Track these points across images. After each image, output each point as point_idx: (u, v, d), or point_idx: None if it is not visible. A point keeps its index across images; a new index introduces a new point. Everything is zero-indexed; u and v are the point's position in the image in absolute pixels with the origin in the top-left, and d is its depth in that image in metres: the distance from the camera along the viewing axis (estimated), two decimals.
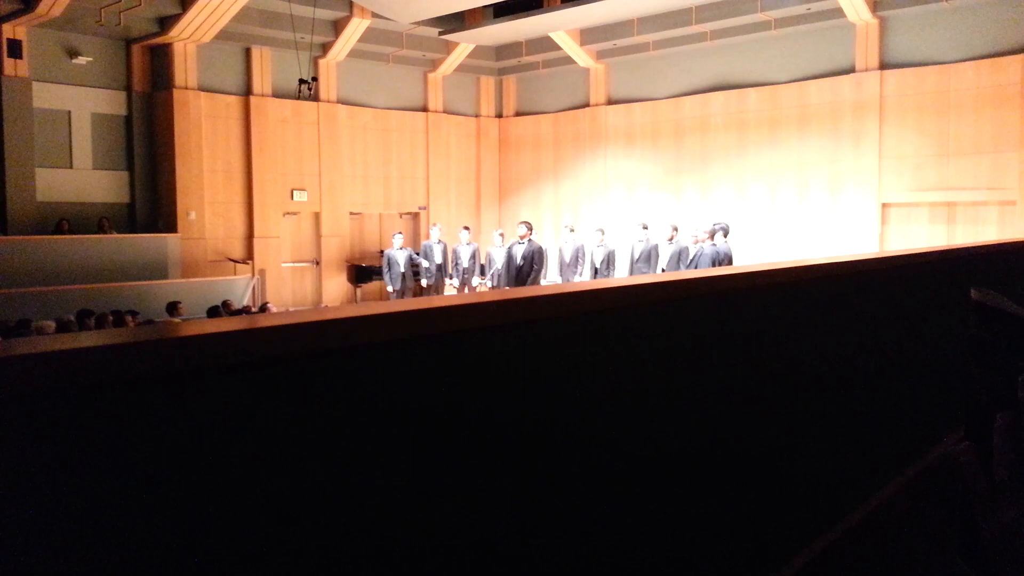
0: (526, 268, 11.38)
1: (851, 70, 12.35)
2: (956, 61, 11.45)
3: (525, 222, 11.89)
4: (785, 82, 13.05)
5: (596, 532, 1.90)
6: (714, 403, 2.34)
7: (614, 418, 1.97)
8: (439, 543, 1.52)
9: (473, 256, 12.47)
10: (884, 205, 12.10)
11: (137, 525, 1.11)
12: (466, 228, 12.94)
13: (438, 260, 12.59)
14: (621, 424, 1.99)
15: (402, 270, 12.53)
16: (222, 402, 1.22)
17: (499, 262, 11.80)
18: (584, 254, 12.09)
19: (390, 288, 12.67)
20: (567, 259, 12.12)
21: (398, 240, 12.82)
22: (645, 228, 11.69)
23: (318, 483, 1.33)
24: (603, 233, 12.09)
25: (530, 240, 11.55)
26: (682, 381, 2.21)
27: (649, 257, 11.37)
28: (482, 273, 12.44)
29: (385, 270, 12.73)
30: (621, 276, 11.91)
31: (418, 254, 12.82)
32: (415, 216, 16.05)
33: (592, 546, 1.89)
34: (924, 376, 4.01)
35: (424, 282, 12.61)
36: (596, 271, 11.81)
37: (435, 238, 12.77)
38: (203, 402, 1.19)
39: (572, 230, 12.74)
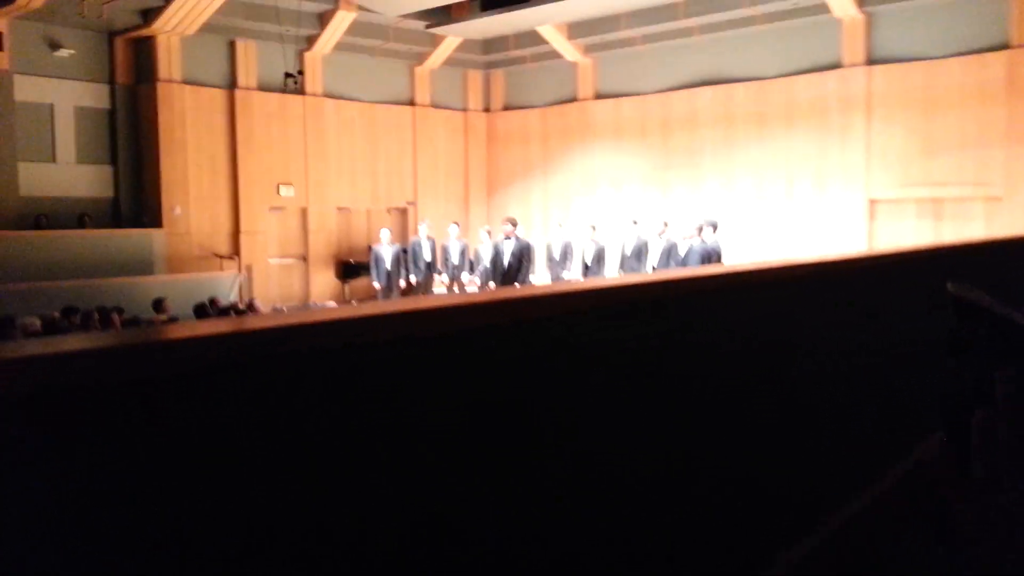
0: (515, 265, 11.34)
1: (838, 65, 12.39)
2: (942, 57, 11.51)
3: (510, 219, 11.83)
4: (772, 77, 13.08)
5: (584, 535, 1.89)
6: (694, 404, 2.33)
7: (597, 420, 1.95)
8: (425, 555, 1.50)
9: (462, 253, 12.42)
10: (872, 201, 12.15)
11: (122, 533, 1.09)
12: (455, 224, 12.89)
13: (427, 257, 12.53)
14: (603, 427, 1.98)
15: (388, 267, 12.45)
16: (210, 406, 1.19)
17: (486, 259, 11.76)
18: (572, 250, 12.06)
19: (376, 285, 12.60)
20: (556, 255, 12.09)
21: (385, 235, 12.74)
22: (635, 223, 11.68)
23: (305, 487, 1.30)
24: (594, 229, 12.07)
25: (517, 237, 11.49)
26: (663, 382, 2.20)
27: (640, 253, 11.37)
28: (471, 270, 12.41)
29: (372, 267, 12.65)
30: (611, 272, 11.90)
31: (406, 251, 12.74)
32: (403, 211, 15.99)
33: (584, 549, 1.87)
34: (911, 375, 4.02)
35: (413, 279, 12.55)
36: (587, 268, 11.79)
37: (423, 235, 12.71)
38: (191, 407, 1.17)
39: (561, 225, 12.71)
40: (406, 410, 1.46)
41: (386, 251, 12.53)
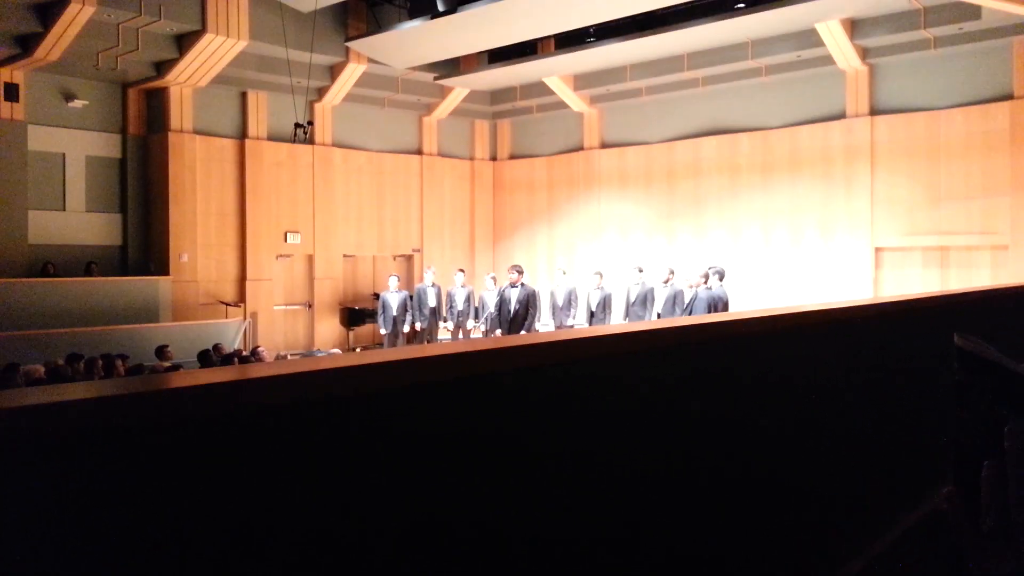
0: (522, 312, 11.33)
1: (842, 116, 12.51)
2: (945, 107, 11.61)
3: (516, 266, 11.87)
4: (777, 127, 13.19)
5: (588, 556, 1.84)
6: (701, 454, 2.29)
7: (603, 464, 1.92)
8: None
9: (468, 299, 12.43)
10: (878, 249, 12.15)
11: None
12: (461, 271, 12.92)
13: (431, 304, 12.53)
14: (606, 473, 1.94)
15: (395, 313, 12.45)
16: (211, 454, 1.17)
17: (491, 306, 11.76)
18: (576, 297, 12.06)
19: (383, 331, 12.58)
20: (559, 302, 12.09)
21: (393, 282, 12.77)
22: (640, 271, 11.70)
23: (307, 536, 1.27)
24: (601, 276, 12.08)
25: (523, 284, 11.51)
26: (666, 432, 2.16)
27: (645, 300, 11.36)
28: (476, 317, 12.39)
29: (379, 313, 12.65)
30: (617, 319, 11.87)
31: (412, 297, 12.75)
32: (408, 258, 16.05)
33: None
34: (919, 426, 3.97)
35: (418, 325, 12.54)
36: (592, 315, 11.77)
37: (428, 281, 12.73)
38: (192, 455, 1.14)
39: (564, 273, 12.73)
40: (410, 458, 1.43)
41: (393, 298, 12.54)
